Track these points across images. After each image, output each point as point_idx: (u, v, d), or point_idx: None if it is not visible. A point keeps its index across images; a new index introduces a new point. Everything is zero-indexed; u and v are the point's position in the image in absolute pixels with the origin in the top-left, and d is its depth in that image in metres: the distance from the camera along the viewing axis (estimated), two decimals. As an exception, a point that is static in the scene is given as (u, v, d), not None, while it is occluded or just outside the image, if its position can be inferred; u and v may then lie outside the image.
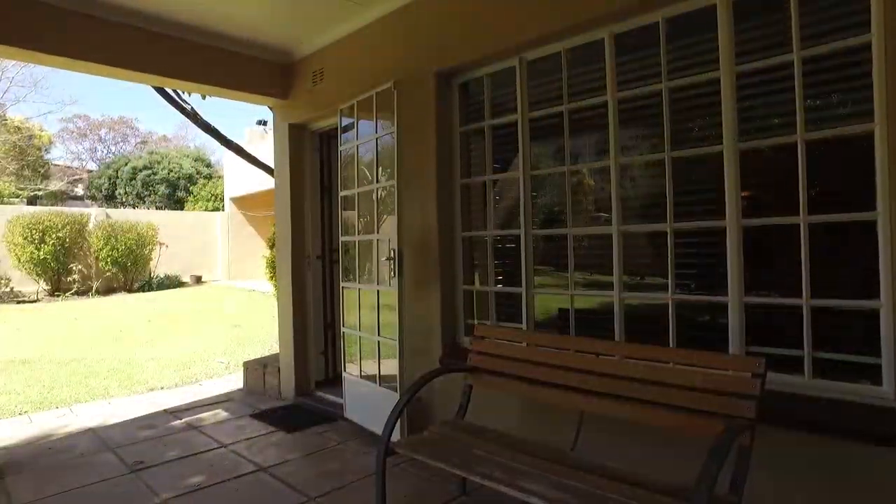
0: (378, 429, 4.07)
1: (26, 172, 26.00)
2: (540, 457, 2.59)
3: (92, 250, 15.56)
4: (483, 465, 2.52)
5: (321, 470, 3.69)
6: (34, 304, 13.77)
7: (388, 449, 2.74)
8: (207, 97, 5.88)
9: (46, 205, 21.90)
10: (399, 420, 3.71)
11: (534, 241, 3.57)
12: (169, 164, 26.11)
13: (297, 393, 5.25)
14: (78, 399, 5.87)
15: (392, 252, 3.82)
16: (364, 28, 4.44)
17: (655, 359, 2.62)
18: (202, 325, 10.57)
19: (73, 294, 15.04)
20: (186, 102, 6.77)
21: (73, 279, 15.28)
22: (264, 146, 11.87)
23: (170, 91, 6.64)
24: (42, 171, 27.78)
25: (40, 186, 26.64)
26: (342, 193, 4.50)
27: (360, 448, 4.04)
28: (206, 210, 22.13)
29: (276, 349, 8.25)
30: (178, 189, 25.62)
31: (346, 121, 4.52)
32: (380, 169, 4.07)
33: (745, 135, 2.72)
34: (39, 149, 27.90)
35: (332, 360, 5.47)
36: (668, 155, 2.93)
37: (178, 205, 24.97)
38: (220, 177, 26.15)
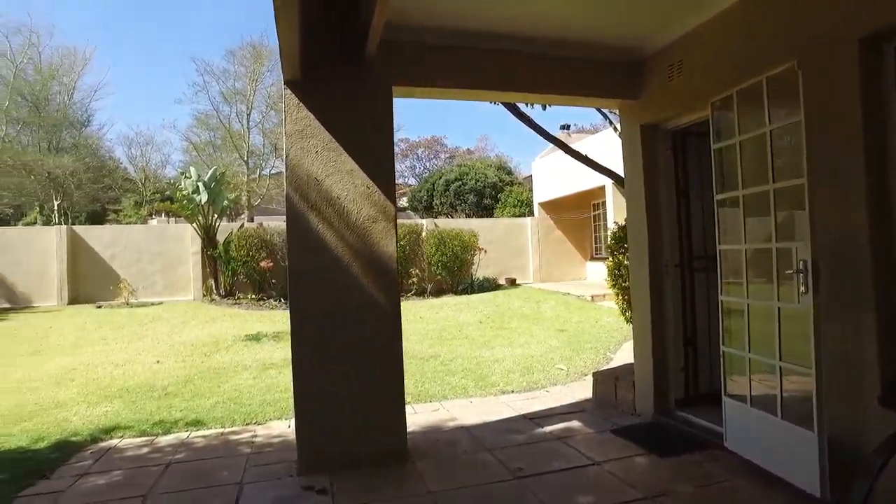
0: (777, 468, 3.48)
1: (372, 192, 31.50)
2: None
3: (425, 256, 17.85)
4: None
5: (721, 511, 3.28)
6: (390, 303, 16.37)
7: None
8: (549, 106, 6.00)
9: (386, 218, 26.00)
10: (823, 466, 3.12)
11: None
12: (475, 174, 28.57)
13: (656, 410, 4.91)
14: (444, 395, 6.53)
15: (801, 264, 3.20)
16: (737, 4, 3.88)
17: None
18: (529, 328, 11.05)
19: (412, 295, 17.46)
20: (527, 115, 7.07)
21: (412, 282, 17.76)
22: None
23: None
24: (381, 190, 33.42)
25: (381, 203, 32.00)
26: (718, 196, 4.00)
27: (756, 491, 3.48)
28: (512, 216, 23.53)
29: (611, 357, 8.15)
30: (485, 197, 27.83)
31: (718, 114, 4.02)
32: (775, 166, 3.47)
33: None
34: (380, 172, 33.60)
35: (694, 378, 4.98)
36: None
37: (485, 211, 27.11)
38: (520, 183, 27.63)
